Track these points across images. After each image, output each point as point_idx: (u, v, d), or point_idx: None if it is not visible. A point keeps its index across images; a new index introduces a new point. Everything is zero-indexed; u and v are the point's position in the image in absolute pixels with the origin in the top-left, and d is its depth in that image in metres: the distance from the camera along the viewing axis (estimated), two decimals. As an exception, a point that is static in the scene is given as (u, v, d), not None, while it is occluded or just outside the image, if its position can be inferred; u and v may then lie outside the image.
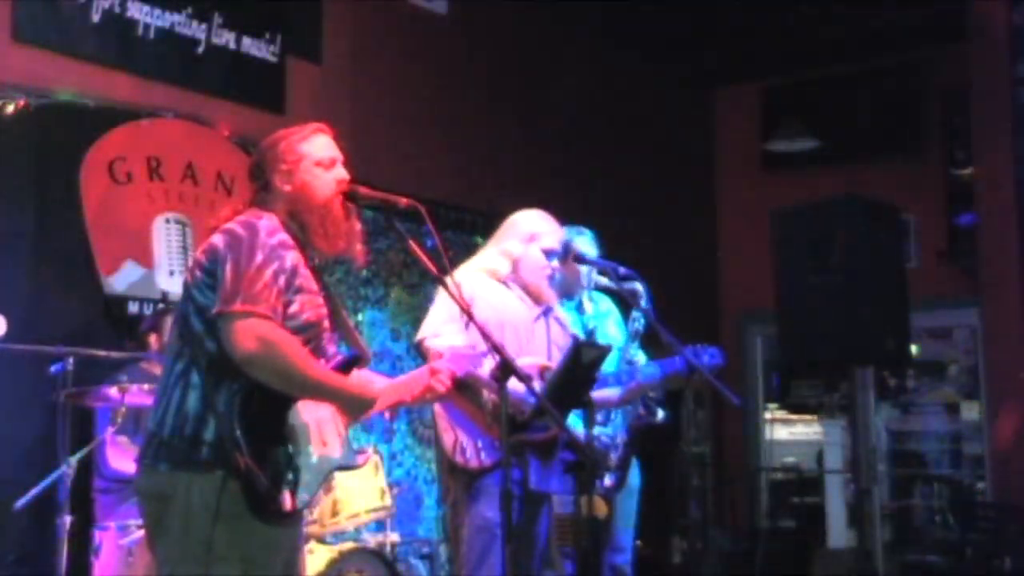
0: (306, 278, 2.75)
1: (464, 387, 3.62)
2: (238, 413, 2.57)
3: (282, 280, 2.65)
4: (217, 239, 2.68)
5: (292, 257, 2.71)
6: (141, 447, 2.73)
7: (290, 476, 2.63)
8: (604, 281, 4.43)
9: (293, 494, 2.64)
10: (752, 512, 8.39)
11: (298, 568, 2.86)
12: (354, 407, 2.81)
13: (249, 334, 2.55)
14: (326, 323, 2.81)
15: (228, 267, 2.60)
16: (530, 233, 3.95)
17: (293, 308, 2.69)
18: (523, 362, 3.49)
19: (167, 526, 2.61)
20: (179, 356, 2.69)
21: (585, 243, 4.65)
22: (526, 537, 3.68)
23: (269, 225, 2.70)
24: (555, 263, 3.98)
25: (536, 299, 3.93)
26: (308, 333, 2.73)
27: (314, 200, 2.81)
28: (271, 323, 2.60)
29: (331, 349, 2.84)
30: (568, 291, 4.58)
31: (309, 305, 2.73)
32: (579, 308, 4.62)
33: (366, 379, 2.94)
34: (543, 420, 3.50)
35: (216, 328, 2.61)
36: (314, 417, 2.72)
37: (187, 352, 2.67)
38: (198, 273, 2.68)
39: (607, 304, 4.71)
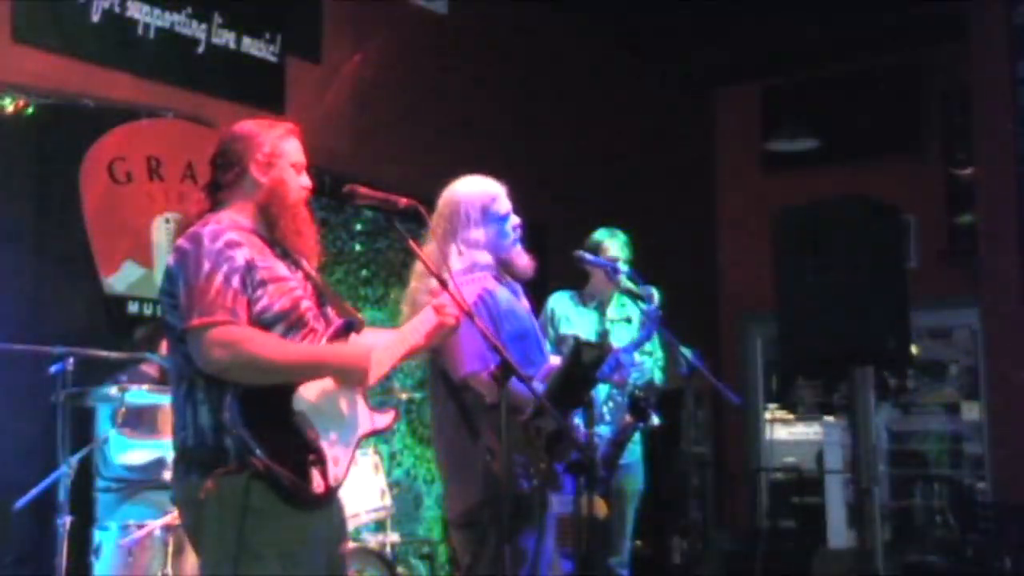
0: (269, 268, 2.73)
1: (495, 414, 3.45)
2: (241, 420, 2.58)
3: (236, 280, 2.64)
4: (170, 259, 2.72)
5: (244, 253, 2.68)
6: (173, 463, 2.77)
7: (313, 459, 2.64)
8: (629, 285, 4.42)
9: (324, 474, 2.65)
10: (752, 512, 8.39)
11: (343, 567, 2.87)
12: (348, 374, 2.76)
13: (210, 344, 2.58)
14: (305, 305, 2.78)
15: (181, 285, 2.64)
16: (481, 209, 3.63)
17: (262, 303, 2.68)
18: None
19: (203, 530, 2.66)
20: (181, 377, 2.72)
21: (616, 246, 4.66)
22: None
23: (213, 230, 2.69)
24: (515, 220, 3.67)
25: (512, 275, 3.68)
26: (286, 321, 2.72)
27: (287, 199, 2.82)
28: (229, 325, 2.60)
29: (321, 325, 2.81)
30: (596, 292, 4.62)
31: (278, 294, 2.72)
32: (599, 308, 4.64)
33: (365, 342, 2.90)
34: (543, 419, 3.48)
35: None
36: (322, 394, 2.72)
37: (185, 371, 2.70)
38: (163, 296, 2.73)
39: (631, 308, 4.70)
